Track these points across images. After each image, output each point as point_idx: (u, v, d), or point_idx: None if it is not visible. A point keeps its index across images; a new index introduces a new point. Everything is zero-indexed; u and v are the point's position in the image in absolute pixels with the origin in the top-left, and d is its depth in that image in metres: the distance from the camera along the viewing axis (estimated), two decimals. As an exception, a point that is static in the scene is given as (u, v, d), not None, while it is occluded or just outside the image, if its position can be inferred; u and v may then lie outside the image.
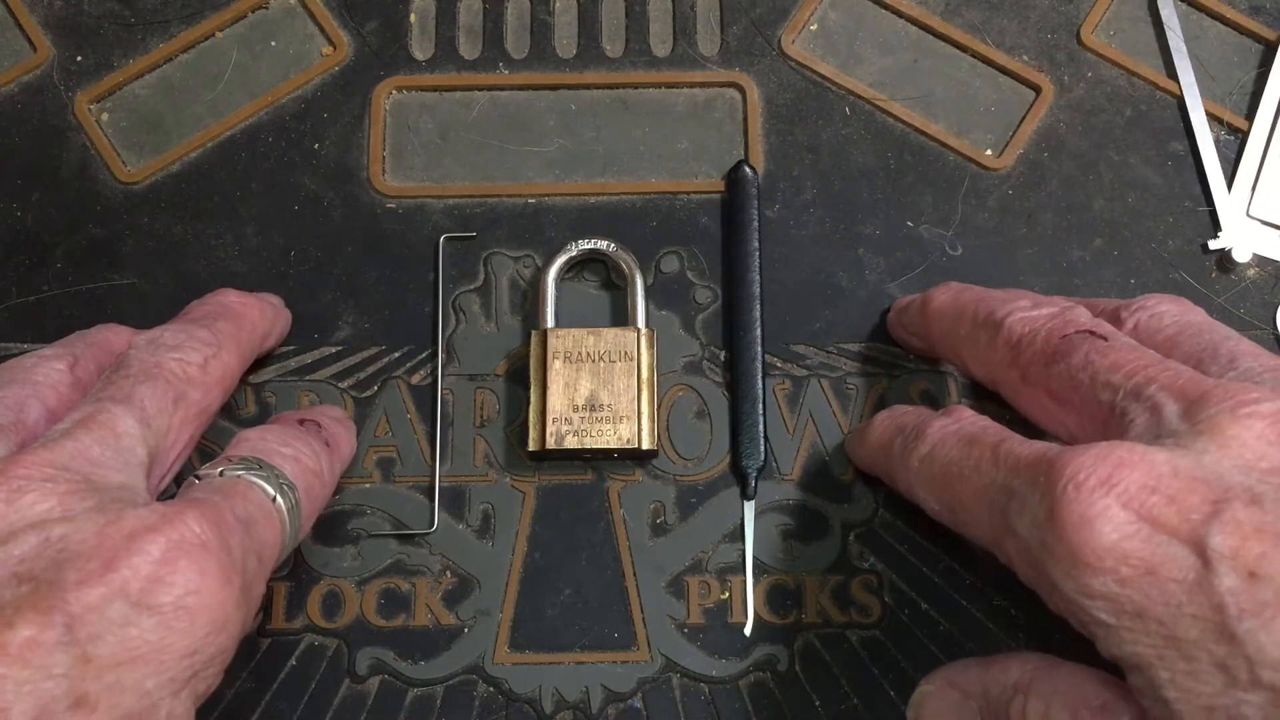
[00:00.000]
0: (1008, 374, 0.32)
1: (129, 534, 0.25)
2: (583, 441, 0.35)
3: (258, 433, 0.32)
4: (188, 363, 0.31)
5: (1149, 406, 0.27)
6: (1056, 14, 0.42)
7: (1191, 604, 0.24)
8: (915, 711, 0.33)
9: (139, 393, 0.30)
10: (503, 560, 0.36)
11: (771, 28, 0.41)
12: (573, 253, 0.38)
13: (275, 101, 0.40)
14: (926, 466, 0.31)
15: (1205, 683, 0.24)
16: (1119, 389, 0.28)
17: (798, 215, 0.39)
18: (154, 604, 0.25)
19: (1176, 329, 0.31)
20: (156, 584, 0.25)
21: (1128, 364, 0.28)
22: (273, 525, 0.29)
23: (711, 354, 0.38)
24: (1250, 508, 0.24)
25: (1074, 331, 0.30)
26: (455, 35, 0.42)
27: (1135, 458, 0.25)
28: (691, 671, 0.34)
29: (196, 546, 0.25)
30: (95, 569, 0.24)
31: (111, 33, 0.41)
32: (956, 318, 0.34)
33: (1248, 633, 0.23)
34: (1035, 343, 0.31)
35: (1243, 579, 0.23)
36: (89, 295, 0.38)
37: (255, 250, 0.39)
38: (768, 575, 0.35)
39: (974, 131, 0.40)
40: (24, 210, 0.39)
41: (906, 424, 0.33)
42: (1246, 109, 0.40)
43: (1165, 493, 0.24)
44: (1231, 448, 0.25)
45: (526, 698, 0.34)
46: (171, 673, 0.25)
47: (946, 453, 0.30)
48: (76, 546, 0.25)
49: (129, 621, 0.24)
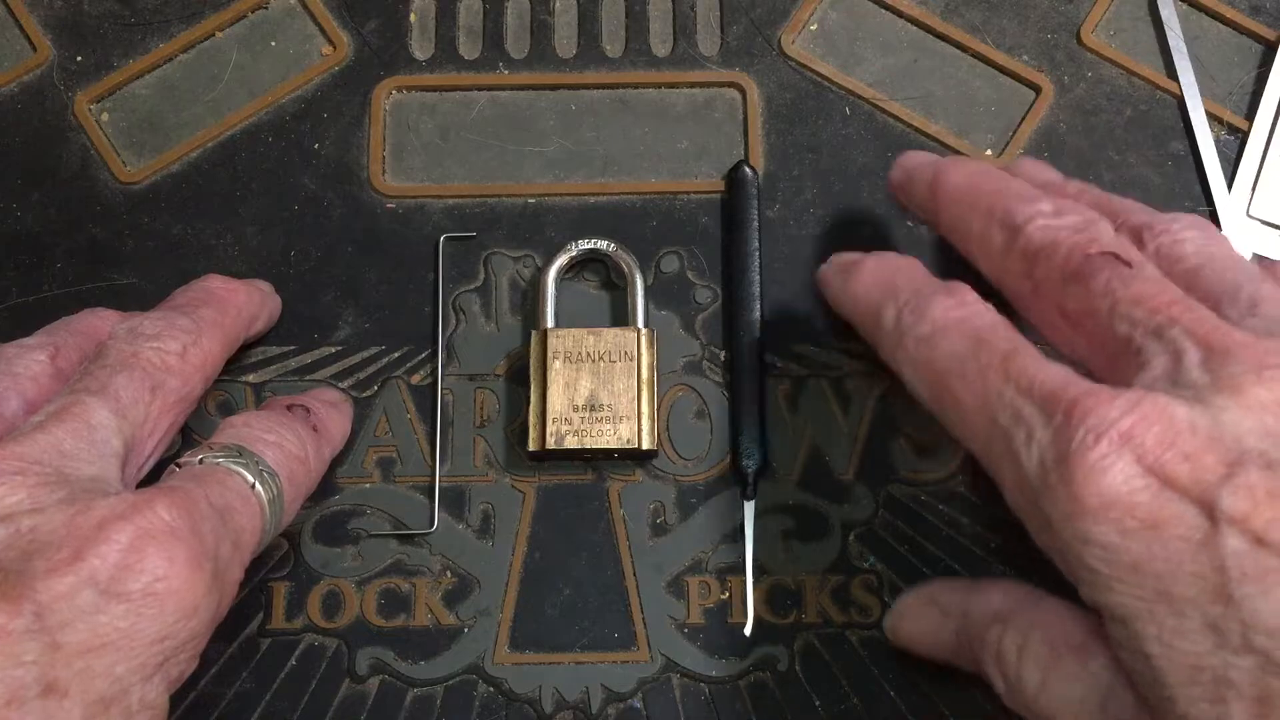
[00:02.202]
0: (1020, 282, 0.30)
1: (98, 523, 0.25)
2: (583, 441, 0.35)
3: (242, 419, 0.32)
4: (166, 351, 0.31)
5: (1170, 350, 0.26)
6: (1056, 14, 0.42)
7: (1193, 563, 0.23)
8: (893, 621, 0.33)
9: (115, 383, 0.30)
10: (503, 560, 0.36)
11: (771, 28, 0.41)
12: (573, 253, 0.38)
13: (275, 101, 0.40)
14: (924, 351, 0.29)
15: (1193, 641, 0.23)
16: (1139, 324, 0.27)
17: (798, 215, 0.39)
18: (123, 591, 0.25)
19: (1199, 260, 0.29)
20: (125, 571, 0.25)
21: (1151, 298, 0.27)
22: (251, 512, 0.29)
23: (711, 354, 0.38)
24: (1265, 472, 0.24)
25: (1097, 252, 0.28)
26: (455, 35, 0.42)
27: (1157, 412, 0.24)
28: (691, 671, 0.34)
29: (165, 533, 0.26)
30: (64, 558, 0.24)
31: (111, 33, 0.41)
32: (971, 207, 0.31)
33: (1245, 597, 0.23)
34: (1055, 257, 0.29)
35: (1249, 543, 0.23)
36: (89, 295, 0.38)
37: (255, 250, 0.39)
38: (768, 575, 0.35)
39: (974, 131, 0.40)
40: (24, 210, 0.39)
41: (900, 287, 0.31)
42: (1246, 109, 0.40)
43: (1181, 449, 0.24)
44: (1253, 409, 0.24)
45: (526, 698, 0.34)
46: (142, 658, 0.25)
47: (950, 344, 0.29)
48: (46, 536, 0.25)
49: (98, 609, 0.25)
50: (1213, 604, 0.23)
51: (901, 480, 0.36)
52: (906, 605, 0.32)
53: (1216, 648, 0.23)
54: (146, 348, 0.31)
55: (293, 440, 0.32)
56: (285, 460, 0.31)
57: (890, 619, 0.33)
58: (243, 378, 0.37)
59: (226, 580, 0.28)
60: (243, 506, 0.29)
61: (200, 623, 0.26)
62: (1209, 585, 0.23)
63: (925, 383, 0.30)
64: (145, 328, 0.32)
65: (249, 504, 0.30)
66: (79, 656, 0.24)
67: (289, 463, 0.32)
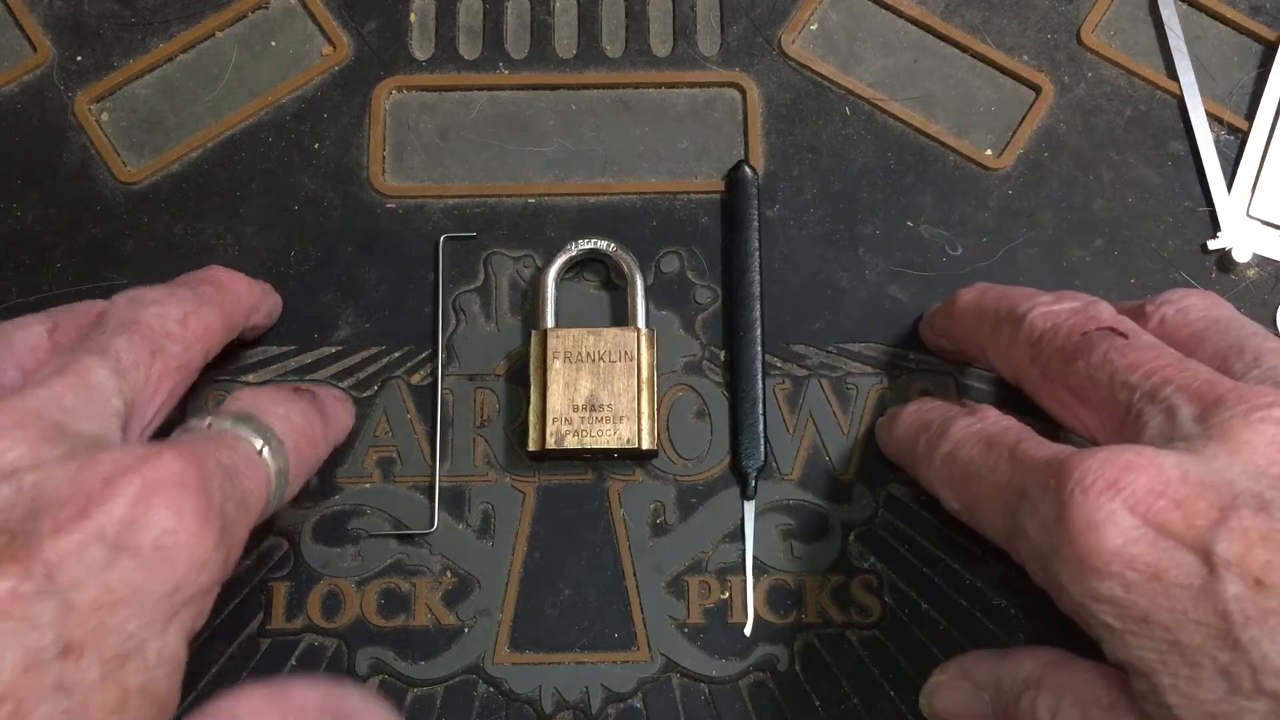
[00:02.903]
0: (1029, 370, 0.31)
1: (104, 477, 0.25)
2: (583, 441, 0.35)
3: (249, 392, 0.32)
4: (166, 317, 0.31)
5: (1164, 408, 0.27)
6: (1056, 14, 0.42)
7: (1196, 610, 0.24)
8: (928, 700, 0.33)
9: (115, 344, 0.29)
10: (503, 560, 0.36)
11: (771, 28, 0.41)
12: (573, 253, 0.38)
13: (275, 101, 0.40)
14: (947, 465, 0.31)
15: (1208, 689, 0.23)
16: (1136, 389, 0.28)
17: (798, 215, 0.39)
18: (132, 545, 0.24)
19: (1203, 324, 0.30)
20: (133, 525, 0.24)
21: (1145, 364, 0.28)
22: (258, 476, 0.29)
23: (711, 354, 0.38)
24: (1258, 514, 0.24)
25: (1095, 329, 0.30)
26: (455, 35, 0.42)
27: (1144, 461, 0.25)
28: (691, 671, 0.34)
29: (174, 485, 0.25)
30: (70, 515, 0.24)
31: (111, 33, 0.41)
32: (980, 315, 0.34)
33: (1252, 640, 0.23)
34: (1056, 339, 0.30)
35: (1248, 586, 0.23)
36: (89, 295, 0.38)
37: (255, 250, 0.39)
38: (768, 575, 0.35)
39: (974, 131, 0.40)
40: (24, 210, 0.39)
41: (932, 420, 0.33)
42: (1246, 109, 0.40)
43: (1172, 497, 0.24)
44: (1242, 453, 0.25)
45: (526, 698, 0.34)
46: (155, 613, 0.25)
47: (967, 452, 0.30)
48: (50, 493, 0.24)
49: (108, 565, 0.24)
50: (1221, 650, 0.23)
51: (901, 480, 0.36)
52: (939, 684, 0.32)
53: (1230, 694, 0.23)
54: (147, 312, 0.31)
55: (300, 415, 0.32)
56: (292, 432, 0.31)
57: (925, 697, 0.33)
58: (242, 378, 0.37)
59: (234, 538, 0.27)
60: (250, 470, 0.29)
61: (210, 576, 0.26)
62: (1215, 631, 0.23)
63: (953, 492, 0.31)
64: (146, 295, 0.32)
65: (256, 468, 0.29)
66: (92, 614, 0.24)
67: (295, 435, 0.31)
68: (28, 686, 0.23)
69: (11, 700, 0.22)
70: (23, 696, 0.23)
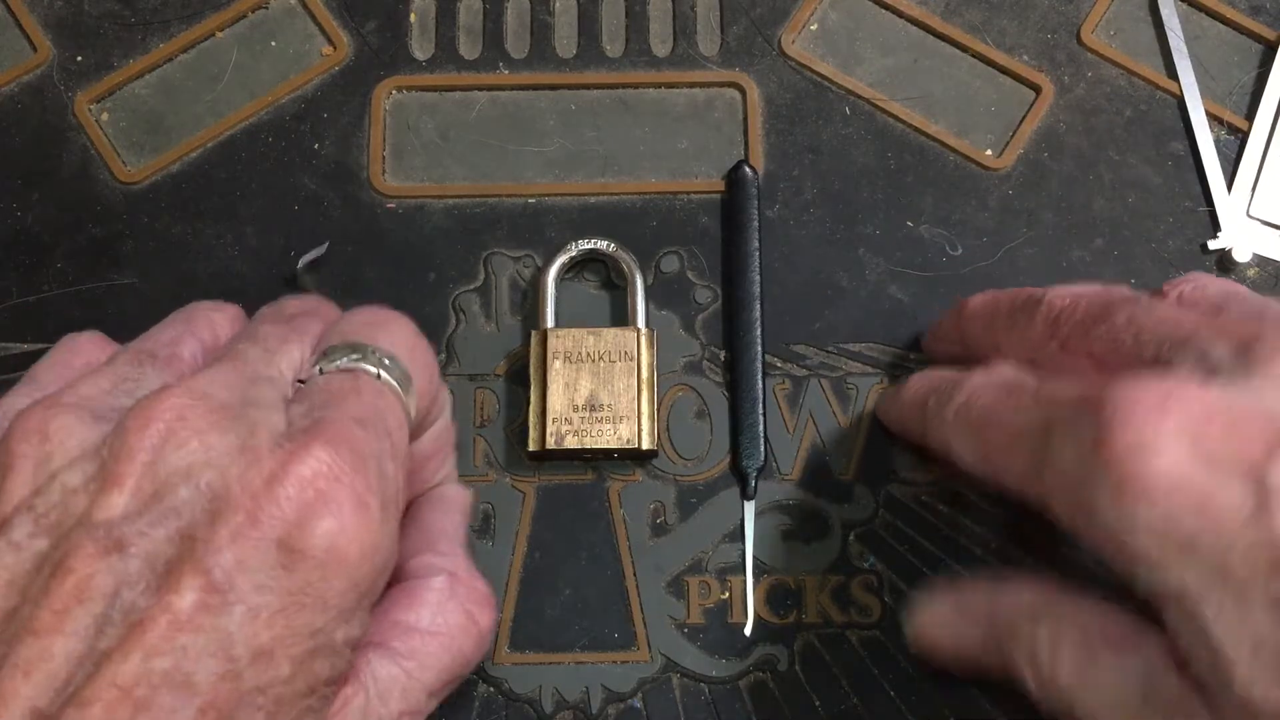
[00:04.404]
0: (1048, 345, 0.31)
1: (267, 478, 0.24)
2: (583, 441, 0.35)
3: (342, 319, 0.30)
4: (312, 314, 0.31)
5: (1197, 351, 0.26)
6: (1056, 14, 0.42)
7: (1245, 539, 0.23)
8: (913, 627, 0.32)
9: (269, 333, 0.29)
10: (503, 560, 0.36)
11: (771, 28, 0.41)
12: (573, 253, 0.38)
13: (275, 101, 0.40)
14: (962, 415, 0.30)
15: (1255, 618, 0.23)
16: (1165, 341, 0.27)
17: (798, 215, 0.39)
18: (300, 548, 0.24)
19: (1222, 297, 0.30)
20: (300, 530, 0.24)
21: (1174, 319, 0.27)
22: (391, 406, 0.28)
23: (711, 354, 0.38)
24: None
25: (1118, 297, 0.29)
26: (455, 35, 0.42)
27: (1188, 389, 0.24)
28: (691, 671, 0.34)
29: (330, 480, 0.25)
30: (243, 521, 0.24)
31: (111, 33, 0.41)
32: (994, 311, 0.33)
33: None
34: (1076, 312, 0.30)
35: None
36: (89, 295, 0.38)
37: (255, 250, 0.39)
38: (768, 575, 0.35)
39: (974, 131, 0.40)
40: (24, 210, 0.39)
41: (943, 381, 0.32)
42: (1246, 109, 0.40)
43: (1222, 424, 0.24)
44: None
45: (526, 698, 0.34)
46: (338, 608, 0.24)
47: (983, 400, 0.30)
48: (222, 494, 0.24)
49: (287, 569, 0.24)
50: (1271, 579, 0.23)
51: (901, 480, 0.36)
52: (929, 610, 0.32)
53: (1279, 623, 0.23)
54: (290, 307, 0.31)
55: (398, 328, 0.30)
56: (398, 343, 0.29)
57: (912, 627, 0.32)
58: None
59: (396, 504, 0.27)
60: (382, 404, 0.28)
61: (385, 555, 0.26)
62: (1265, 561, 0.23)
63: (967, 441, 0.30)
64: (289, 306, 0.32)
65: (385, 397, 0.28)
66: (278, 617, 0.24)
67: (402, 346, 0.29)
68: (227, 695, 0.23)
69: (214, 711, 0.23)
70: (223, 704, 0.23)
